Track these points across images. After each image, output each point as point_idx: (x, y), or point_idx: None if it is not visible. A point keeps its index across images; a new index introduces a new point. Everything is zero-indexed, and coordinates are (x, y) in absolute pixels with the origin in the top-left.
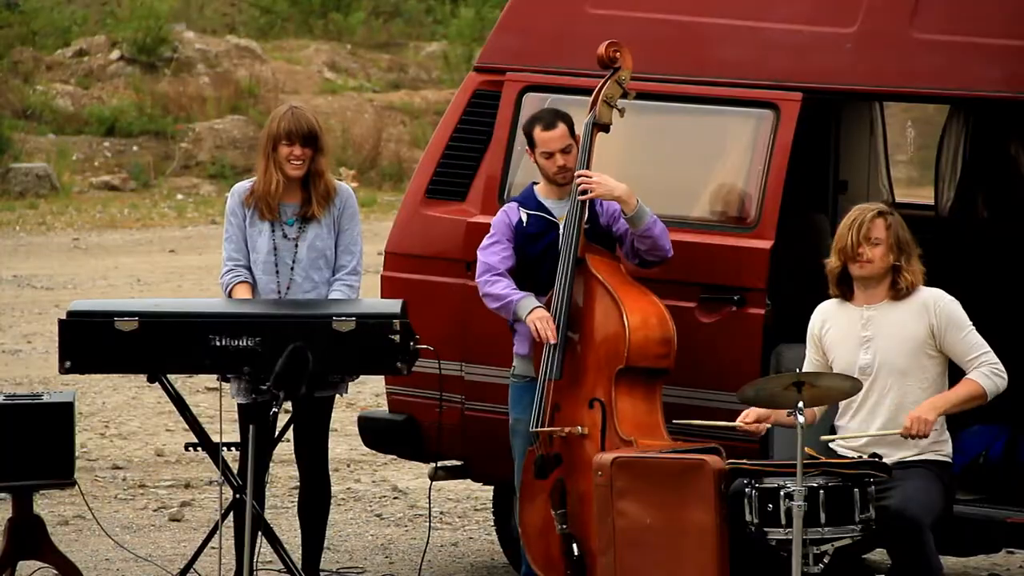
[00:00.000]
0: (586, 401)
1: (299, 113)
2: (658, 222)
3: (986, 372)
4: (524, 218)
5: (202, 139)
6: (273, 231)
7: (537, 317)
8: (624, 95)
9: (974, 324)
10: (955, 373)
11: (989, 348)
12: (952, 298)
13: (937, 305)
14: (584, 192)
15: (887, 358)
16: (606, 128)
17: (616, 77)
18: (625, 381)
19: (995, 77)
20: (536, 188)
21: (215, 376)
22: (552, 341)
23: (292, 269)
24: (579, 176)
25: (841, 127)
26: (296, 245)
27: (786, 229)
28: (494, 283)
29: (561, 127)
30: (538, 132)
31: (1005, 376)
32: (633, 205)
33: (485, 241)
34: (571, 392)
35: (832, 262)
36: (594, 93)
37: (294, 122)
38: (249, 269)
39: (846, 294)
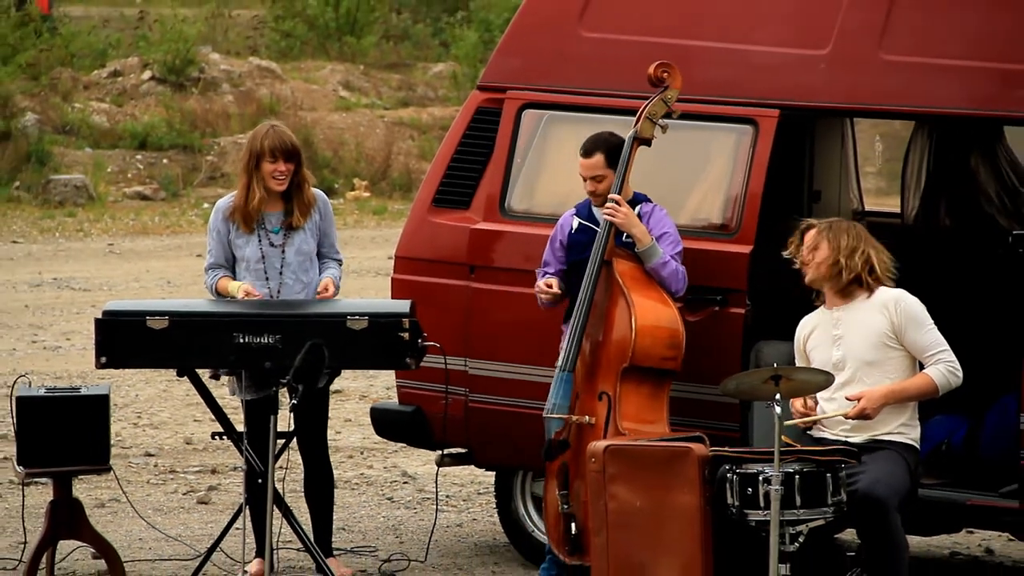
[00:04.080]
0: (597, 393)
1: (280, 131)
2: (669, 265)
3: (942, 369)
4: (575, 225)
5: (227, 152)
6: (260, 240)
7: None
8: (668, 114)
9: (937, 325)
10: None
11: (947, 346)
12: (915, 299)
13: (898, 304)
14: (610, 215)
15: (855, 352)
16: (647, 142)
17: (663, 96)
18: (631, 379)
19: (957, 95)
20: None
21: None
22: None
23: (281, 273)
24: (610, 201)
25: (815, 141)
26: (283, 251)
27: (765, 235)
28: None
29: (596, 157)
30: (581, 156)
31: (960, 375)
32: (644, 243)
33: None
34: (588, 384)
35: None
36: (640, 109)
37: (276, 139)
38: (232, 275)
39: (822, 298)
